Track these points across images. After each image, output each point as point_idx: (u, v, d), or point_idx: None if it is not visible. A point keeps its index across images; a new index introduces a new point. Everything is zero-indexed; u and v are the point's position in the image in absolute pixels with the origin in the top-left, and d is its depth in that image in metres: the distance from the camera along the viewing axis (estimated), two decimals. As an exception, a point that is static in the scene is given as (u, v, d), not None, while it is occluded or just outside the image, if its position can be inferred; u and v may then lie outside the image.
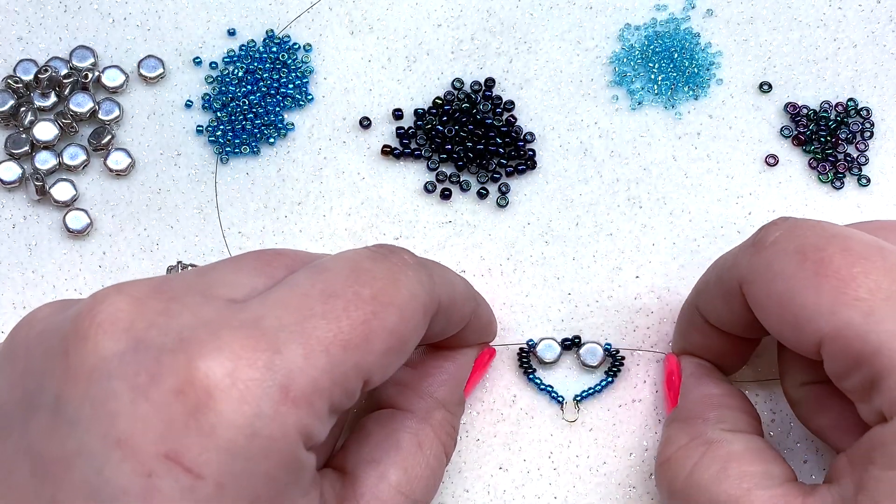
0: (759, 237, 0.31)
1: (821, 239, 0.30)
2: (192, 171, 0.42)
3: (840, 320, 0.28)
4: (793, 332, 0.30)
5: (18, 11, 0.44)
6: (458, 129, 0.42)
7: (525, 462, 0.39)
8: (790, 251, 0.30)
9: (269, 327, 0.27)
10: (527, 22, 0.44)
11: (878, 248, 0.29)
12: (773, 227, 0.31)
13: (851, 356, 0.28)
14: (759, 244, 0.31)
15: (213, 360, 0.26)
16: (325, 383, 0.27)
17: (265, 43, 0.43)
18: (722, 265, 0.34)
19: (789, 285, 0.29)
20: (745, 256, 0.32)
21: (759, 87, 0.43)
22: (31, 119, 0.42)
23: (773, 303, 0.30)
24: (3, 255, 0.41)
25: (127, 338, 0.27)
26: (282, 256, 0.31)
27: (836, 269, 0.29)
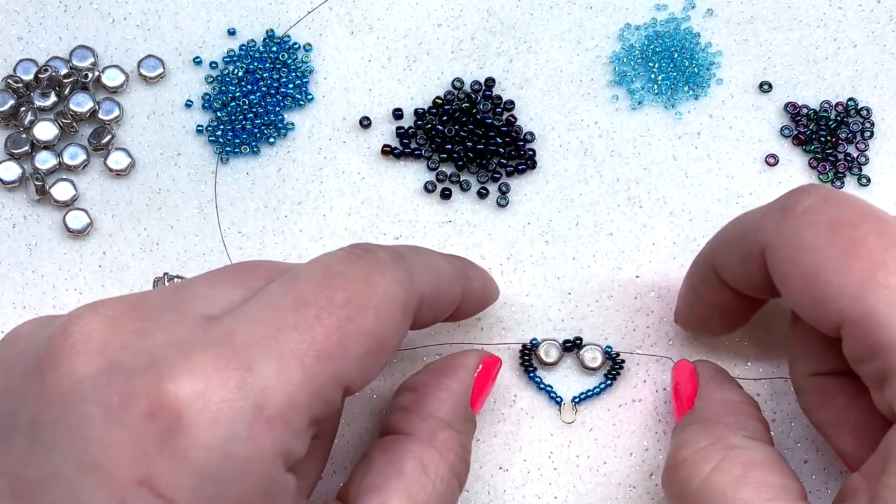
0: (790, 202, 0.30)
1: (856, 215, 0.28)
2: (192, 171, 0.42)
3: (865, 305, 0.27)
4: (814, 307, 0.29)
5: (18, 11, 0.44)
6: (458, 129, 0.42)
7: (525, 462, 0.39)
8: (822, 223, 0.29)
9: (241, 343, 0.26)
10: (527, 22, 0.44)
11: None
12: (804, 194, 0.30)
13: (870, 344, 0.27)
14: (789, 209, 0.30)
15: (184, 381, 0.25)
16: (302, 397, 0.26)
17: (265, 43, 0.43)
18: (745, 224, 0.32)
19: (817, 259, 0.28)
20: (772, 220, 0.30)
21: (759, 87, 0.43)
22: (31, 119, 0.42)
23: (797, 274, 0.29)
24: (3, 255, 0.41)
25: (100, 359, 0.26)
26: (259, 267, 0.30)
27: (869, 250, 0.27)
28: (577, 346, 0.40)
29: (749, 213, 0.33)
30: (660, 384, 0.40)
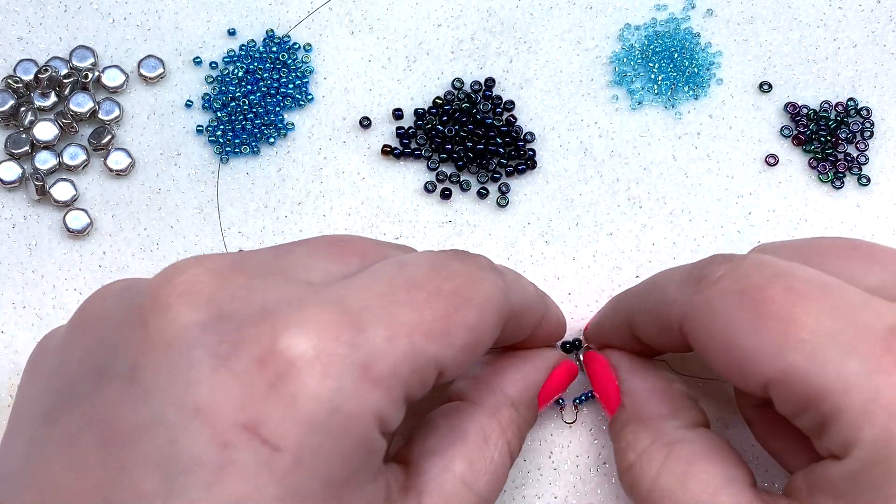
0: (702, 275, 0.30)
1: (762, 278, 0.28)
2: (192, 171, 0.42)
3: (784, 363, 0.27)
4: (737, 373, 0.29)
5: (18, 11, 0.44)
6: (458, 129, 0.42)
7: (525, 462, 0.39)
8: (731, 291, 0.29)
9: (354, 307, 0.27)
10: (527, 22, 0.44)
11: (821, 284, 0.28)
12: (715, 266, 0.30)
13: (799, 398, 0.27)
14: (700, 282, 0.30)
15: (298, 331, 0.26)
16: (405, 369, 0.27)
17: (265, 43, 0.43)
18: (660, 295, 0.32)
19: (731, 327, 0.28)
20: (685, 293, 0.30)
21: (759, 87, 0.43)
22: (31, 119, 0.42)
23: (715, 345, 0.29)
24: (3, 255, 0.41)
25: (209, 308, 0.26)
26: (354, 243, 0.31)
27: (778, 309, 0.27)
28: (577, 346, 0.39)
29: (663, 277, 0.33)
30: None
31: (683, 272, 0.31)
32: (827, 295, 0.28)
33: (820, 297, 0.28)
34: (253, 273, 0.28)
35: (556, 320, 0.37)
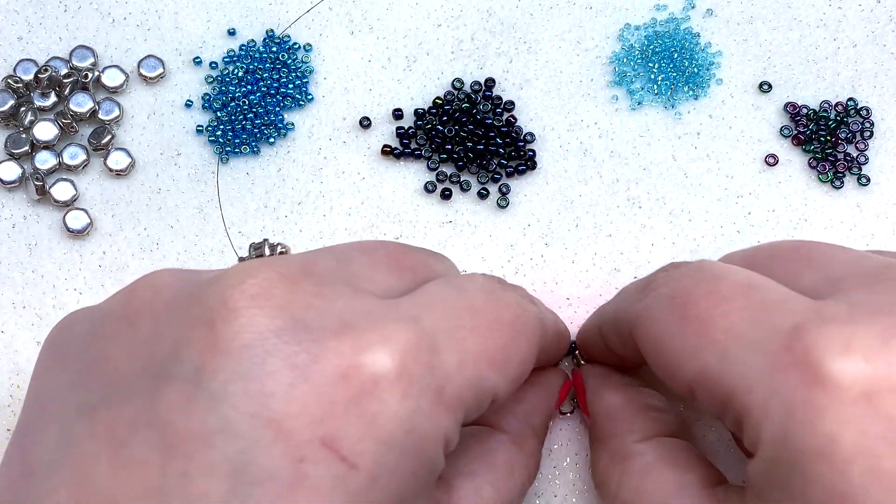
0: (649, 282, 0.31)
1: (692, 282, 0.29)
2: (192, 170, 0.42)
3: (700, 364, 0.28)
4: (668, 376, 0.29)
5: (18, 11, 0.44)
6: (458, 129, 0.42)
7: (525, 463, 0.39)
8: (664, 296, 0.29)
9: (428, 328, 0.27)
10: (527, 22, 0.44)
11: (745, 287, 0.28)
12: (661, 273, 0.31)
13: (715, 399, 0.28)
14: (646, 289, 0.31)
15: (382, 348, 0.25)
16: (469, 394, 0.27)
17: (265, 43, 0.43)
18: (619, 305, 0.33)
19: (661, 329, 0.29)
20: (634, 301, 0.31)
21: (759, 87, 0.43)
22: (31, 119, 0.42)
23: (649, 347, 0.30)
24: (3, 255, 0.41)
25: (284, 315, 0.26)
26: (408, 257, 0.31)
27: (699, 311, 0.28)
28: (573, 349, 0.39)
29: (625, 290, 0.34)
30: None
31: (639, 282, 0.32)
32: (746, 296, 0.28)
33: (740, 298, 0.28)
34: (321, 280, 0.27)
35: (565, 340, 0.37)
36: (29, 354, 0.40)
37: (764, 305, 0.27)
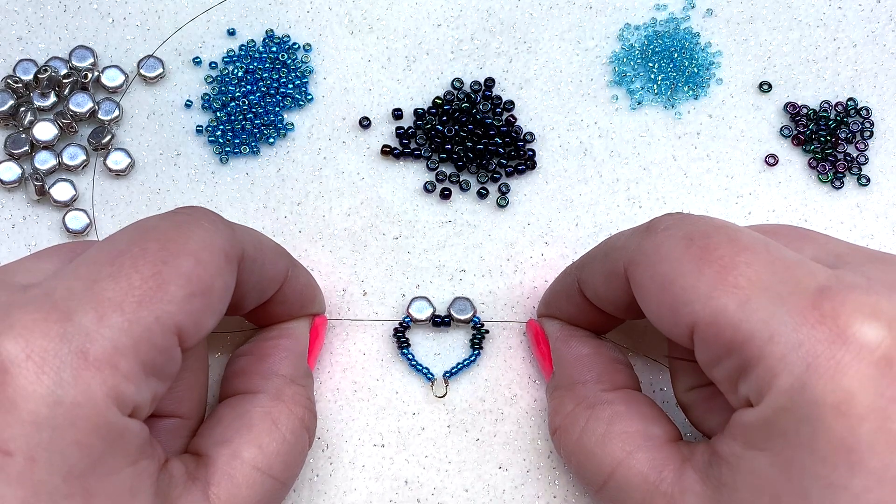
0: (652, 224, 0.31)
1: (709, 227, 0.30)
2: (192, 171, 0.42)
3: (716, 305, 0.28)
4: (669, 314, 0.29)
5: (18, 11, 0.44)
6: (458, 129, 0.42)
7: (525, 462, 0.39)
8: (678, 236, 0.30)
9: (60, 298, 0.27)
10: (527, 22, 0.44)
11: (764, 242, 0.29)
12: (666, 217, 0.32)
13: (722, 343, 0.28)
14: (651, 229, 0.31)
15: (5, 336, 0.26)
16: (126, 341, 0.27)
17: (265, 43, 0.43)
18: (611, 244, 0.34)
19: (672, 267, 0.29)
20: (635, 239, 0.31)
21: (759, 87, 0.43)
22: (31, 119, 0.42)
23: (654, 284, 0.30)
24: (3, 255, 0.41)
25: None
26: (83, 244, 0.32)
27: (720, 255, 0.28)
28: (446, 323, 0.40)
29: (617, 234, 0.34)
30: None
31: (636, 227, 0.33)
32: (768, 250, 0.29)
33: (762, 250, 0.29)
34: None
35: (305, 281, 0.37)
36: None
37: (785, 263, 0.28)
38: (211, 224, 0.31)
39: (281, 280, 0.35)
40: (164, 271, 0.28)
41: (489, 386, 0.40)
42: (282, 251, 0.36)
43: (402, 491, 0.39)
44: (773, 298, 0.27)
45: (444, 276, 0.41)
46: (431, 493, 0.39)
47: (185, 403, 0.34)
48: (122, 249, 0.28)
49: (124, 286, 0.27)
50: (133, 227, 0.30)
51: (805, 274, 0.28)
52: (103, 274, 0.28)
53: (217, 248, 0.30)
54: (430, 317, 0.40)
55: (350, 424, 0.39)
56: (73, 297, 0.27)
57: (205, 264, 0.29)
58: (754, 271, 0.28)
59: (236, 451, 0.32)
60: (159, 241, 0.29)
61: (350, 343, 0.40)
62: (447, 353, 0.40)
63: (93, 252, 0.29)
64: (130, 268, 0.28)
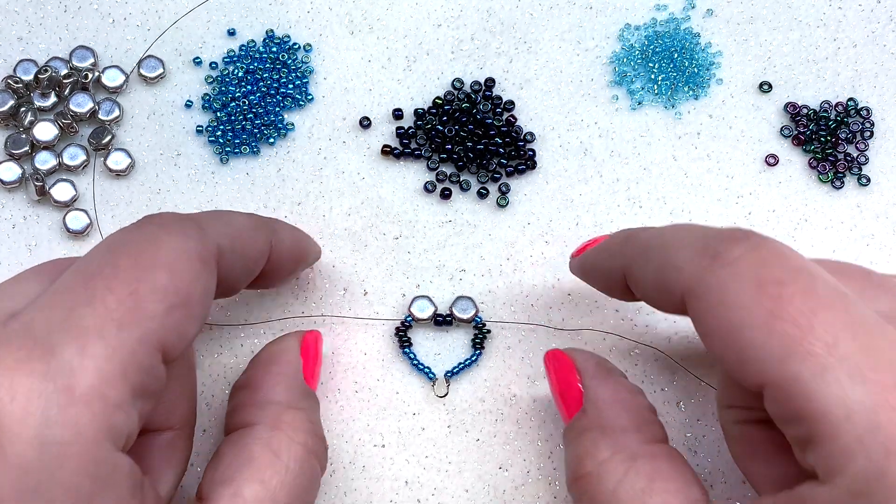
0: (719, 250, 0.28)
1: (785, 271, 0.27)
2: (192, 171, 0.42)
3: (789, 371, 0.26)
4: (737, 364, 0.27)
5: (18, 11, 0.44)
6: (458, 129, 0.42)
7: (525, 462, 0.39)
8: (749, 278, 0.27)
9: (40, 331, 0.26)
10: (527, 22, 0.44)
11: (842, 296, 0.27)
12: (734, 242, 0.28)
13: (794, 409, 0.26)
14: (717, 258, 0.28)
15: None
16: (113, 369, 0.26)
17: (265, 43, 0.43)
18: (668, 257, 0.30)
19: (742, 317, 0.27)
20: (698, 265, 0.29)
21: (759, 87, 0.43)
22: (31, 119, 0.42)
23: (721, 330, 0.28)
24: (3, 255, 0.41)
25: None
26: (64, 262, 0.30)
27: (796, 312, 0.26)
28: (448, 322, 0.40)
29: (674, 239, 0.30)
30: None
31: (698, 239, 0.29)
32: (847, 309, 0.26)
33: (840, 309, 0.26)
34: None
35: (292, 239, 0.36)
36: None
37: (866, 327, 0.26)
38: (181, 228, 0.29)
39: (266, 254, 0.34)
40: (139, 289, 0.27)
41: (489, 386, 0.40)
42: (259, 223, 0.34)
43: (403, 491, 0.39)
44: (853, 371, 0.25)
45: (444, 275, 0.41)
46: (432, 494, 0.39)
47: (175, 413, 0.33)
48: (94, 271, 0.27)
49: (101, 311, 0.26)
50: (103, 244, 0.29)
51: (887, 345, 0.26)
52: (79, 300, 0.27)
53: (191, 254, 0.29)
54: (432, 316, 0.40)
55: (350, 425, 0.39)
56: (53, 330, 0.26)
57: (180, 274, 0.28)
58: (832, 336, 0.26)
59: (238, 489, 0.31)
60: (130, 257, 0.28)
61: (351, 343, 0.40)
62: (447, 353, 0.40)
63: (68, 277, 0.28)
64: (104, 290, 0.27)
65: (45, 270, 0.30)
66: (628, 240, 0.33)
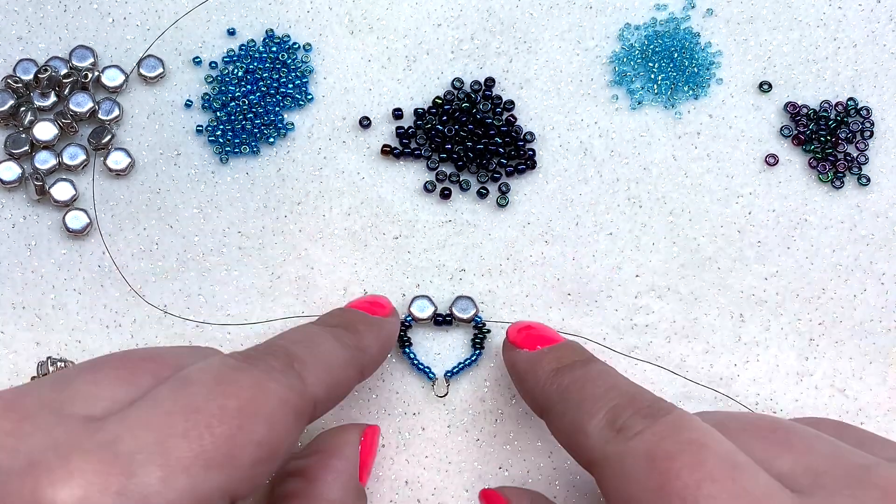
0: (626, 424, 0.30)
1: (675, 444, 0.28)
2: (192, 171, 0.42)
3: None
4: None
5: (18, 11, 0.44)
6: (458, 129, 0.42)
7: (525, 462, 0.39)
8: (643, 453, 0.28)
9: (125, 449, 0.26)
10: (527, 22, 0.44)
11: (731, 465, 0.27)
12: (638, 417, 0.30)
13: None
14: (622, 432, 0.29)
15: (63, 485, 0.24)
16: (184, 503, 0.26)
17: (265, 43, 0.43)
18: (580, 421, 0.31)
19: (635, 490, 0.28)
20: (603, 436, 0.30)
21: (759, 87, 0.43)
22: (31, 119, 0.42)
23: (619, 501, 0.29)
24: (3, 255, 0.41)
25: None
26: (147, 362, 0.30)
27: (683, 486, 0.27)
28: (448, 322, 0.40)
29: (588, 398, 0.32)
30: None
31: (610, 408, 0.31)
32: (733, 479, 0.27)
33: (727, 480, 0.27)
34: (26, 415, 0.27)
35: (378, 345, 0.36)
36: (28, 355, 0.40)
37: (751, 498, 0.27)
38: (286, 380, 0.29)
39: (351, 389, 0.34)
40: (237, 436, 0.27)
41: (489, 386, 0.40)
42: (353, 357, 0.34)
43: (403, 491, 0.39)
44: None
45: (444, 275, 0.41)
46: (432, 494, 0.39)
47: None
48: (199, 405, 0.27)
49: (195, 448, 0.26)
50: (211, 374, 0.28)
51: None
52: (176, 430, 0.26)
53: (289, 409, 0.29)
54: (432, 315, 0.40)
55: (350, 424, 0.39)
56: (141, 451, 0.26)
57: (276, 429, 0.28)
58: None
59: None
60: (238, 400, 0.27)
61: (350, 343, 0.40)
62: (447, 353, 0.40)
63: (166, 398, 0.27)
64: (204, 428, 0.26)
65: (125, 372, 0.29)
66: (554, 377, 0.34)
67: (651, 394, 0.31)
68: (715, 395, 0.40)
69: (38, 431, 0.26)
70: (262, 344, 0.32)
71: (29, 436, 0.26)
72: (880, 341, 0.41)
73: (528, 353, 0.36)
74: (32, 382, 0.29)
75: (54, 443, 0.26)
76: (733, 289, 0.41)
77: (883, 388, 0.40)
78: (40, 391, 0.28)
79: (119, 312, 0.41)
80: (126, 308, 0.41)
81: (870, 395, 0.40)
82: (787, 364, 0.41)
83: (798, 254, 0.41)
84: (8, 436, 0.26)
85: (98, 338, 0.41)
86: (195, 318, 0.41)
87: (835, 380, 0.41)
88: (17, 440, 0.26)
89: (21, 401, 0.27)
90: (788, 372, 0.41)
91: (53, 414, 0.27)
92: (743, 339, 0.40)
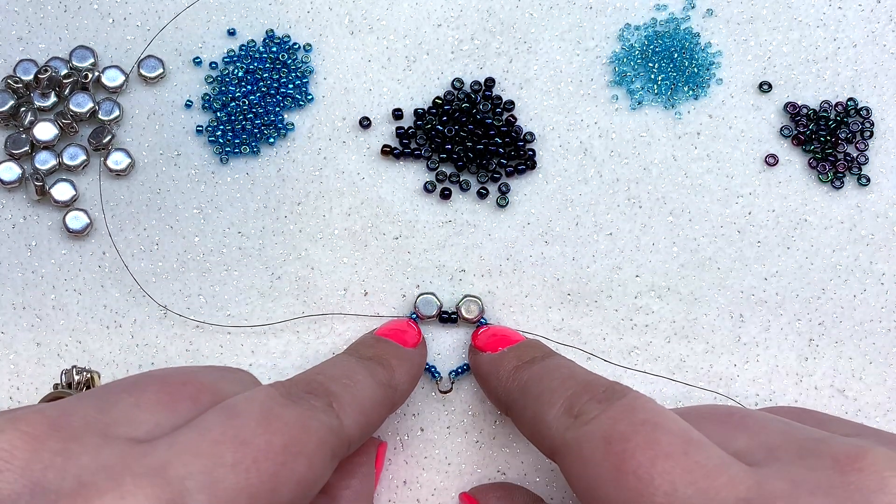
0: (582, 410, 0.31)
1: (629, 426, 0.29)
2: (192, 171, 0.42)
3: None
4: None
5: (18, 11, 0.44)
6: (458, 129, 0.42)
7: (523, 464, 0.39)
8: (597, 436, 0.29)
9: (175, 475, 0.26)
10: (527, 22, 0.44)
11: (684, 441, 0.28)
12: (594, 403, 0.31)
13: None
14: (578, 420, 0.30)
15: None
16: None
17: (265, 43, 0.43)
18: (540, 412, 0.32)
19: (595, 472, 0.28)
20: (563, 424, 0.31)
21: (759, 87, 0.43)
22: (31, 119, 0.42)
23: (580, 484, 0.29)
24: (3, 255, 0.41)
25: (23, 480, 0.25)
26: (187, 387, 0.30)
27: (637, 465, 0.27)
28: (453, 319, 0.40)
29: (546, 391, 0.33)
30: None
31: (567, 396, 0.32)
32: (686, 454, 0.28)
33: (680, 455, 0.27)
34: (71, 434, 0.27)
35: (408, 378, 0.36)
36: (28, 356, 0.40)
37: (705, 470, 0.27)
38: (328, 419, 0.30)
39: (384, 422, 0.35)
40: (280, 473, 0.27)
41: (489, 386, 0.40)
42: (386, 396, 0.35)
43: (402, 491, 0.39)
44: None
45: (444, 275, 0.41)
46: (431, 494, 0.39)
47: None
48: (247, 439, 0.27)
49: (241, 481, 0.26)
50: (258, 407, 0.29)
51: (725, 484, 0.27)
52: (225, 460, 0.27)
53: (328, 448, 0.29)
54: (438, 313, 0.40)
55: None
56: (190, 478, 0.26)
57: (315, 468, 0.29)
58: (670, 483, 0.27)
59: None
60: (284, 437, 0.28)
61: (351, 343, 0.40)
62: (449, 352, 0.40)
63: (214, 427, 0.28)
64: (252, 462, 0.27)
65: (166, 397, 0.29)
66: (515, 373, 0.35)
67: (606, 380, 0.32)
68: (715, 395, 0.40)
69: (86, 453, 0.26)
70: (301, 377, 0.32)
71: (76, 456, 0.26)
72: (880, 341, 0.41)
73: (490, 354, 0.37)
74: (73, 400, 0.29)
75: (104, 464, 0.26)
76: (733, 289, 0.41)
77: (883, 388, 0.40)
78: (84, 411, 0.28)
79: (119, 313, 0.41)
80: (126, 308, 0.41)
81: (869, 395, 0.40)
82: (786, 364, 0.41)
83: (798, 254, 0.41)
84: (56, 455, 0.26)
85: (98, 338, 0.41)
86: (195, 318, 0.41)
87: (835, 380, 0.41)
88: (65, 460, 0.26)
89: (66, 420, 0.27)
90: (788, 372, 0.41)
91: (99, 435, 0.27)
92: (743, 340, 0.41)
